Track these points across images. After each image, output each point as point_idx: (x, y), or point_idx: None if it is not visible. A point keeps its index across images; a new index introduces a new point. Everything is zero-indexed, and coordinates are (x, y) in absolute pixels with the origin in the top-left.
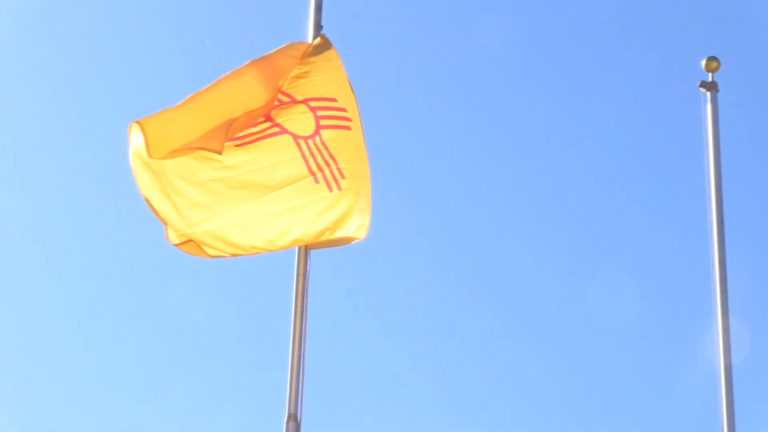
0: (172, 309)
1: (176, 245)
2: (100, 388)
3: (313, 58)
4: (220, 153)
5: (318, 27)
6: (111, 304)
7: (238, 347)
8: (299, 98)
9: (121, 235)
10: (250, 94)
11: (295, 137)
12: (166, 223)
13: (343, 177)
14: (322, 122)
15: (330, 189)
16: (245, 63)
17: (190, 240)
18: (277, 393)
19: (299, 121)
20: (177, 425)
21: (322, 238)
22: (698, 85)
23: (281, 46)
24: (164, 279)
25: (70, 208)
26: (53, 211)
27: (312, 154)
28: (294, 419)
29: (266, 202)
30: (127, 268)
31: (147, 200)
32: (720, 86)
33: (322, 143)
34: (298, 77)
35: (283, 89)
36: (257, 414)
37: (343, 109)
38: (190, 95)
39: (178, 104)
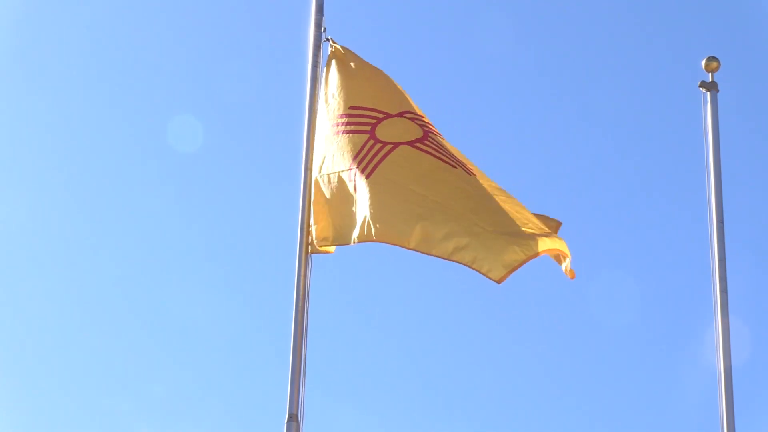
0: (174, 309)
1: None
2: (99, 387)
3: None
4: None
5: (319, 27)
6: (112, 304)
7: (239, 348)
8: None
9: (121, 235)
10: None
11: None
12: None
13: None
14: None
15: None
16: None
17: None
18: (277, 393)
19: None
20: (178, 424)
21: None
22: (698, 85)
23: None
24: (165, 279)
25: (67, 208)
26: (51, 211)
27: None
28: (295, 419)
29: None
30: (128, 268)
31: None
32: (720, 86)
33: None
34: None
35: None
36: (258, 414)
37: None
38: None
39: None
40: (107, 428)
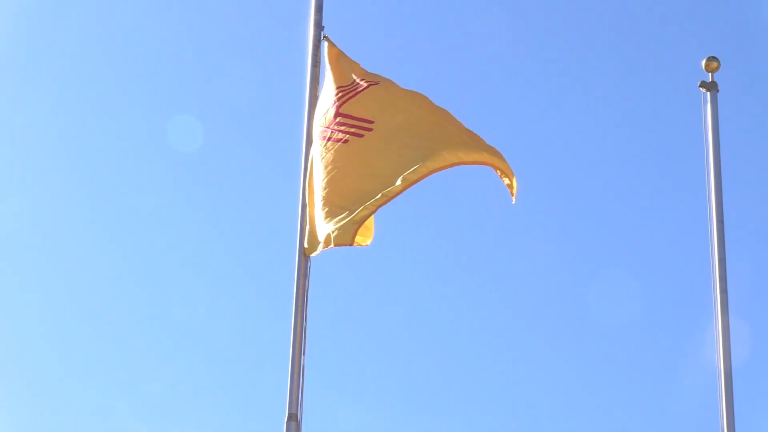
0: (173, 308)
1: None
2: (98, 387)
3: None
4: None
5: (318, 27)
6: (111, 304)
7: (238, 347)
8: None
9: (121, 235)
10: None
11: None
12: None
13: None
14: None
15: None
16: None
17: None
18: (277, 393)
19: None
20: (177, 424)
21: None
22: (698, 85)
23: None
24: (164, 278)
25: (67, 208)
26: (51, 211)
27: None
28: (294, 419)
29: None
30: (127, 268)
31: None
32: (720, 86)
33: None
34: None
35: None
36: (257, 414)
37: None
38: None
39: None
40: (106, 428)
